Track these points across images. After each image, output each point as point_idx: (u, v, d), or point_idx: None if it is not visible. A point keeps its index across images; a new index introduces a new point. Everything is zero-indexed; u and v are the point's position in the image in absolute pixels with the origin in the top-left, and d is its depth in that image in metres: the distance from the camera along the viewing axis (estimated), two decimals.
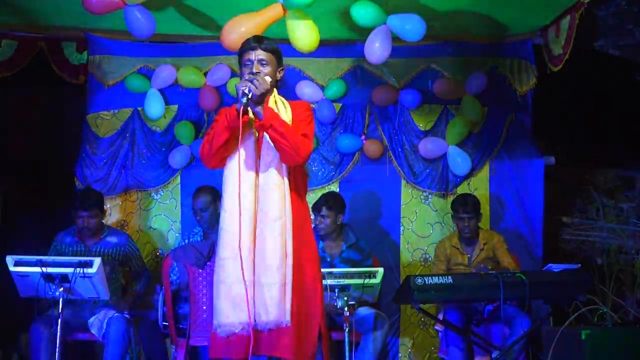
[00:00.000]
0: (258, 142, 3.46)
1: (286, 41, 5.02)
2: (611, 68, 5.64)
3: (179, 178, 5.81)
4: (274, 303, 3.34)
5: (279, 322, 3.33)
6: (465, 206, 5.15)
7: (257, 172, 3.44)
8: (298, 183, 3.52)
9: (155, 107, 5.74)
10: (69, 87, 5.88)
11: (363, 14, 4.95)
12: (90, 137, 5.76)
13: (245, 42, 3.52)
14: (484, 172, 5.86)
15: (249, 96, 3.29)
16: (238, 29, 4.68)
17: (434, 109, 5.90)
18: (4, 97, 5.87)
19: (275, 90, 3.52)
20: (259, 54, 3.44)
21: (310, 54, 5.21)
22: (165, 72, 5.76)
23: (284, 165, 3.45)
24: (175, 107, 5.85)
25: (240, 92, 3.30)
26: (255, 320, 3.33)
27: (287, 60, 5.73)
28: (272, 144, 3.40)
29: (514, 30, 5.69)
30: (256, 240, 3.38)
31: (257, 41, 3.49)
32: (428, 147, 5.80)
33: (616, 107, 5.94)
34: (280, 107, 3.48)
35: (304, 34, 4.76)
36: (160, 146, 5.81)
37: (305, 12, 4.76)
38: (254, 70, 3.42)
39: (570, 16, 4.94)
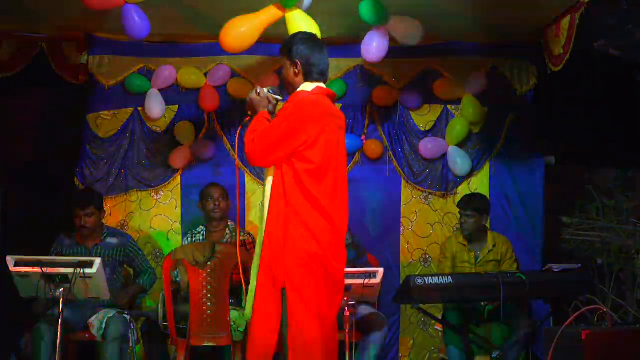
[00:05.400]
0: None
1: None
2: (611, 68, 5.63)
3: (179, 178, 5.81)
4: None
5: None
6: (468, 204, 5.19)
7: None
8: (284, 180, 3.26)
9: (155, 107, 5.73)
10: (69, 87, 5.86)
11: (366, 11, 4.95)
12: (91, 137, 5.76)
13: None
14: (484, 172, 5.86)
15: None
16: (237, 30, 4.68)
17: (434, 109, 5.89)
18: (4, 97, 5.87)
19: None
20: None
21: None
22: (166, 73, 5.76)
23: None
24: (175, 107, 5.84)
25: None
26: None
27: None
28: None
29: (514, 30, 5.68)
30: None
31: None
32: (428, 147, 5.80)
33: (616, 108, 5.94)
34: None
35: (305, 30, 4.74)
36: (160, 146, 5.81)
37: (306, 11, 4.76)
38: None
39: (570, 16, 4.93)
